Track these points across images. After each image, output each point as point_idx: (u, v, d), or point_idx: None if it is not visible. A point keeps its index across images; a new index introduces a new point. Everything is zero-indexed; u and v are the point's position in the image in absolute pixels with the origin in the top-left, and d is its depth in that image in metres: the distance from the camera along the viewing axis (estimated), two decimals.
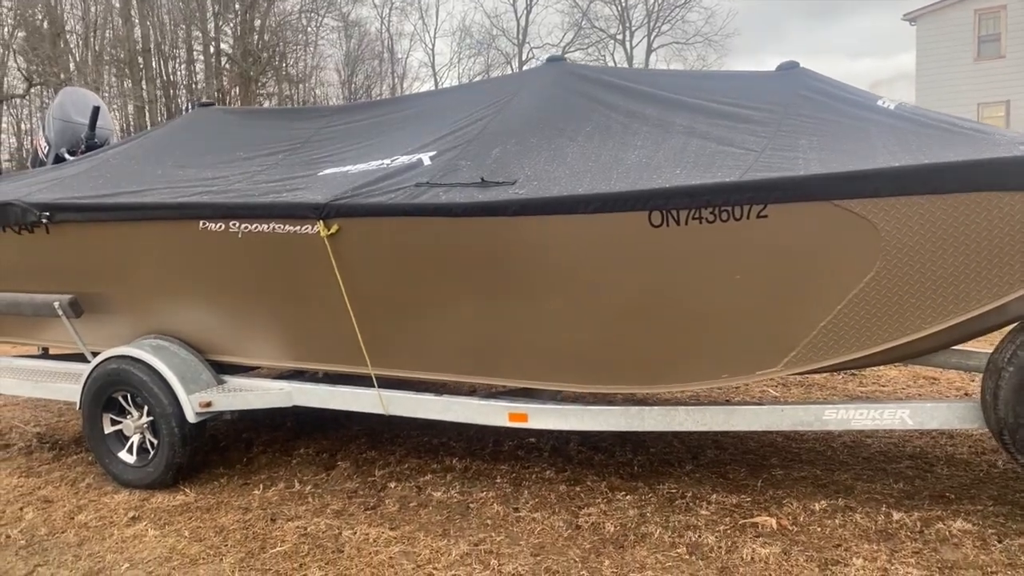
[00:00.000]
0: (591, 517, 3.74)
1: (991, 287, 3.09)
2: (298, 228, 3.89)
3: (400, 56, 44.31)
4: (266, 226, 3.97)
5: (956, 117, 3.87)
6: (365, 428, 5.28)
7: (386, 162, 4.05)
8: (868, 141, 3.42)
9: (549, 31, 70.81)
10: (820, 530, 3.49)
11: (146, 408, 4.38)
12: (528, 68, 5.38)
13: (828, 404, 3.58)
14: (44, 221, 4.48)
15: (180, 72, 36.46)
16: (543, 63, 4.65)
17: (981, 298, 3.11)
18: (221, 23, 35.71)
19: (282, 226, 3.93)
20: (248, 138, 4.99)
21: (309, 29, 38.54)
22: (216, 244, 4.13)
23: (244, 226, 4.03)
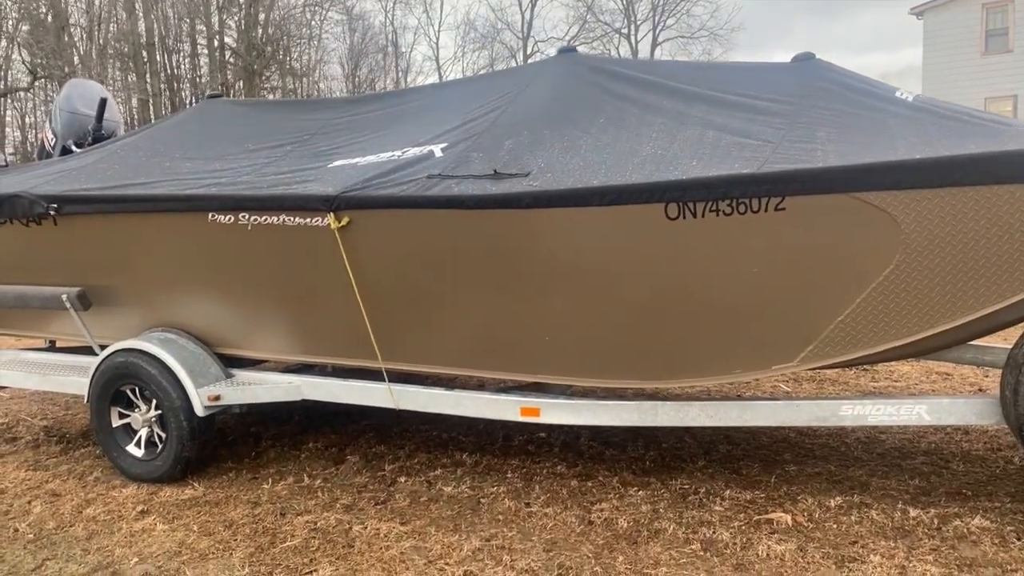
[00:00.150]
0: (603, 513, 3.70)
1: (1013, 281, 3.05)
2: (308, 220, 3.85)
3: (404, 50, 44.22)
4: (276, 218, 3.93)
5: (974, 109, 3.82)
6: (373, 422, 5.25)
7: (397, 154, 4.01)
8: (887, 133, 3.38)
9: (554, 25, 70.68)
10: (836, 527, 3.46)
11: (154, 402, 4.35)
12: (539, 59, 5.33)
13: (845, 400, 3.54)
14: (52, 213, 4.44)
15: (184, 66, 36.43)
16: (555, 54, 4.59)
17: (1003, 292, 3.07)
18: (225, 17, 35.65)
19: (292, 218, 3.89)
20: (256, 130, 4.95)
21: (313, 23, 38.51)
22: (225, 236, 4.10)
23: (253, 218, 3.99)
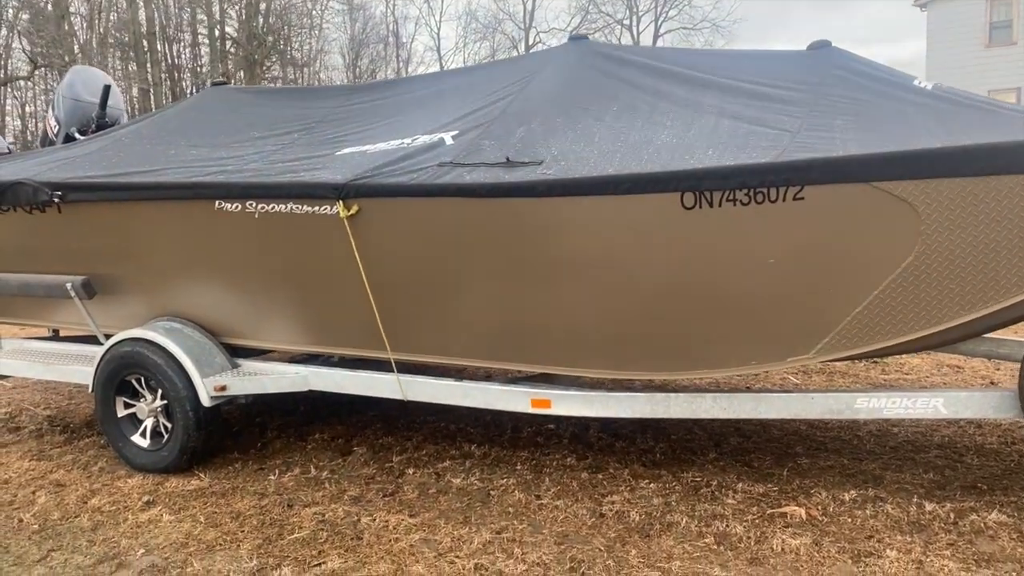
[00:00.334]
0: (615, 505, 3.66)
1: None
2: (316, 208, 3.80)
3: (405, 40, 44.12)
4: (283, 206, 3.88)
5: (993, 99, 3.76)
6: (379, 413, 5.21)
7: (406, 141, 3.95)
8: (907, 121, 3.32)
9: (556, 15, 70.44)
10: (851, 521, 3.42)
11: (160, 391, 4.31)
12: (550, 47, 5.26)
13: (860, 392, 3.49)
14: (56, 200, 4.39)
15: (185, 55, 36.28)
16: (566, 42, 4.53)
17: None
18: (226, 6, 35.48)
19: (300, 206, 3.83)
20: (261, 117, 4.90)
21: (314, 12, 38.35)
22: (232, 225, 4.04)
23: (261, 206, 3.93)
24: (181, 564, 3.30)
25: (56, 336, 5.47)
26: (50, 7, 29.14)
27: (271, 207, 3.91)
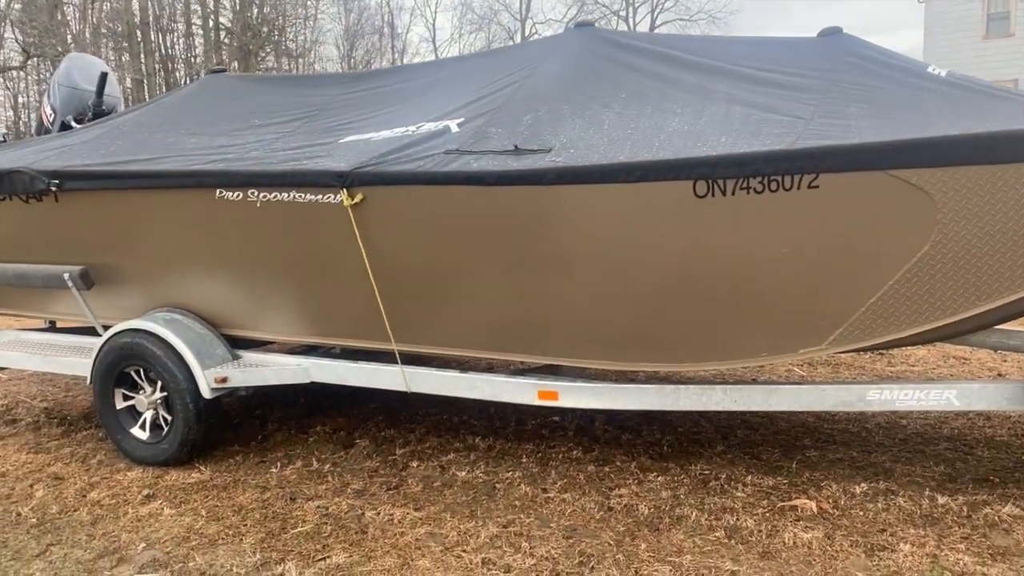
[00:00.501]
0: (623, 499, 3.61)
1: None
2: (320, 197, 3.73)
3: (400, 31, 43.92)
4: (286, 195, 3.80)
5: (1007, 88, 3.71)
6: (381, 405, 5.15)
7: (411, 129, 3.88)
8: (922, 108, 3.26)
9: (552, 6, 69.82)
10: (863, 514, 3.37)
11: (160, 383, 4.25)
12: (555, 34, 5.18)
13: (872, 384, 3.45)
14: (53, 189, 4.31)
15: (179, 46, 36.04)
16: (572, 28, 4.45)
17: None
18: None
19: (303, 195, 3.76)
20: (262, 105, 4.81)
21: (309, 3, 38.09)
22: (233, 214, 3.97)
23: (263, 195, 3.86)
24: (183, 558, 3.25)
25: (53, 327, 5.39)
26: None
27: (273, 196, 3.84)
